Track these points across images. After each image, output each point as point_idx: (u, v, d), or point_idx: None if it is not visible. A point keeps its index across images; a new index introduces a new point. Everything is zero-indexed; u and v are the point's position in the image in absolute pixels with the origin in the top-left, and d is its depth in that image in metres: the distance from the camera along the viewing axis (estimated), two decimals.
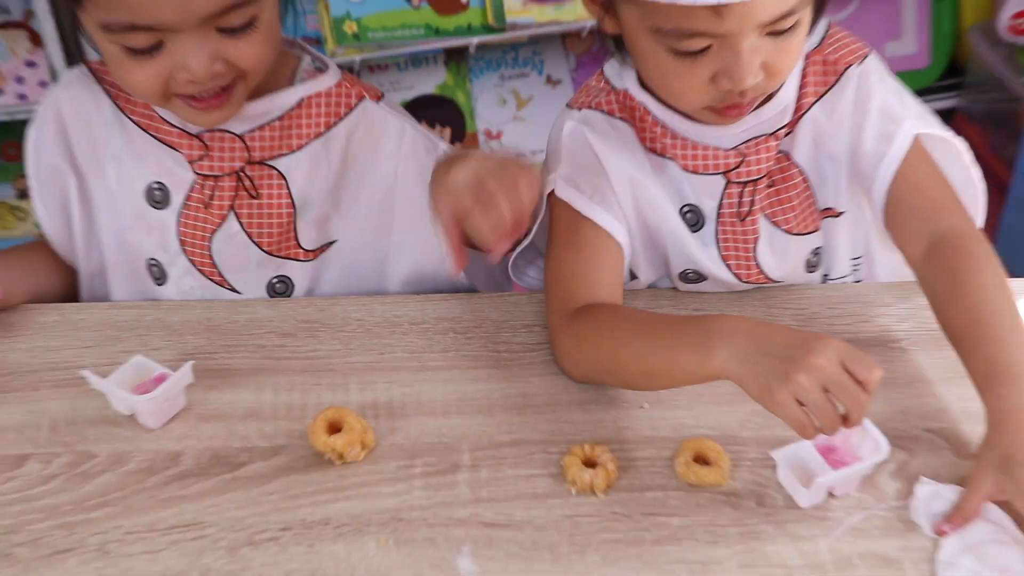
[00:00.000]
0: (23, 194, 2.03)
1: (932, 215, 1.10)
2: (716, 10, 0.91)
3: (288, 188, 1.16)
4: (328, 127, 1.14)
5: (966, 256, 1.06)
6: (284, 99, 1.14)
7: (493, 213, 0.90)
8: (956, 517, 0.90)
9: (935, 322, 1.13)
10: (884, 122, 1.12)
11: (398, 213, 1.20)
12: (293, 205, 1.16)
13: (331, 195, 1.18)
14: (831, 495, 0.96)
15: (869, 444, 0.95)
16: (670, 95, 1.07)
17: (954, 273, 1.05)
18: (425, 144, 1.19)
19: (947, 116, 2.33)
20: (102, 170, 1.19)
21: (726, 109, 1.04)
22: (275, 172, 1.15)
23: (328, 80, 1.17)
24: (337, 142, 1.15)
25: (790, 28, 0.97)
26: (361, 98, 1.17)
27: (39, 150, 1.20)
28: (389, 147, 1.17)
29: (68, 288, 1.28)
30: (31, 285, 1.21)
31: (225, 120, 1.11)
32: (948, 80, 2.53)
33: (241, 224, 1.16)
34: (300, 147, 1.15)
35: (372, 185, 1.18)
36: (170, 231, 1.18)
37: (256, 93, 1.12)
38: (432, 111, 2.33)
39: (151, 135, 1.15)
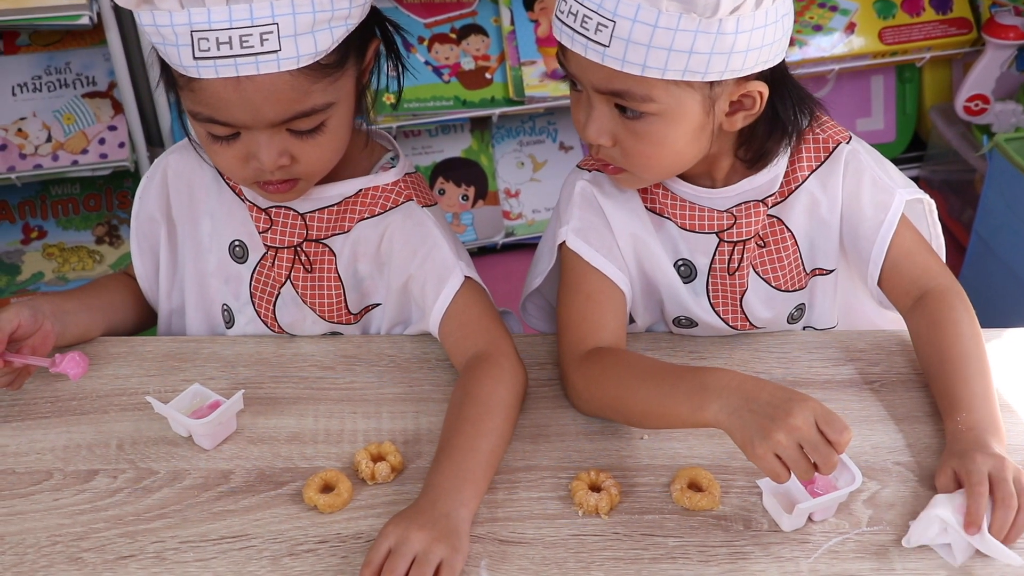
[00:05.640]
0: (100, 240, 2.05)
1: (920, 277, 1.12)
2: None
3: (336, 265, 1.15)
4: (373, 215, 1.14)
5: (947, 309, 1.09)
6: (346, 187, 1.13)
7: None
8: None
9: (904, 366, 1.15)
10: (878, 192, 1.12)
11: (413, 301, 1.17)
12: (340, 280, 1.15)
13: (372, 267, 1.16)
14: (811, 520, 0.95)
15: (845, 475, 0.94)
16: None
17: (934, 322, 1.09)
18: (445, 261, 1.13)
19: None
20: (196, 222, 1.19)
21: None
22: (328, 250, 1.14)
23: (391, 177, 1.15)
24: (380, 227, 1.14)
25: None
26: (410, 199, 1.15)
27: (143, 200, 1.20)
28: (415, 245, 1.14)
29: (139, 319, 1.26)
30: (84, 324, 1.16)
31: (291, 200, 1.11)
32: (911, 153, 2.55)
33: (297, 292, 1.16)
34: (350, 228, 1.14)
35: (398, 269, 1.15)
36: (244, 284, 1.18)
37: (330, 178, 1.11)
38: (459, 172, 2.34)
39: (241, 199, 1.16)
